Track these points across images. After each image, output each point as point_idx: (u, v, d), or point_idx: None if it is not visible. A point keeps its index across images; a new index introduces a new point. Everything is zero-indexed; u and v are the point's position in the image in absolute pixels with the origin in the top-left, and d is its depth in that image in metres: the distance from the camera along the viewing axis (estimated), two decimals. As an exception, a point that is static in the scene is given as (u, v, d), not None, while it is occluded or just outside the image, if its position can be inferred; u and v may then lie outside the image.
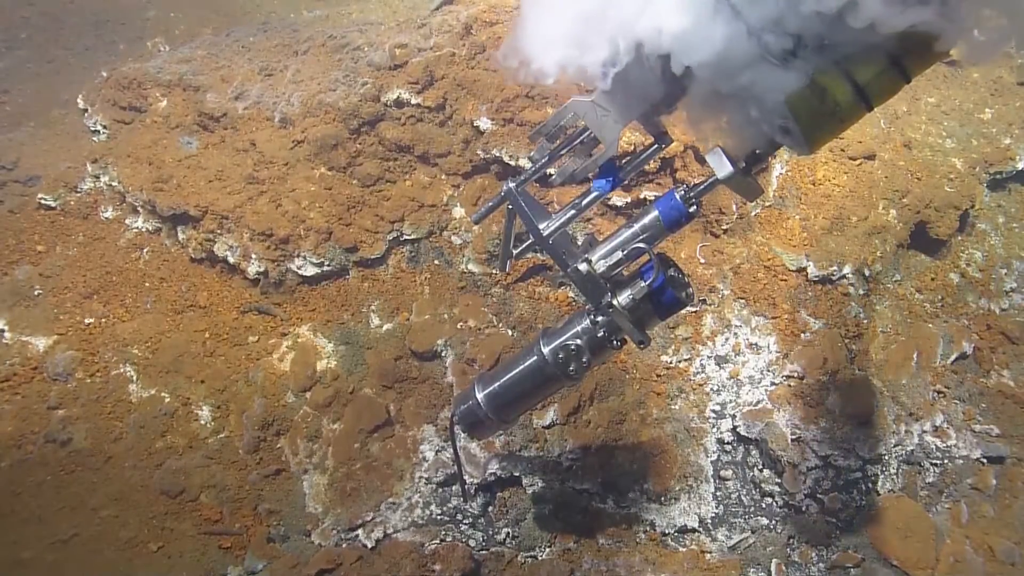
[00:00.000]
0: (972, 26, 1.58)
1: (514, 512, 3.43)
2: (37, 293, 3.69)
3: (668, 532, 3.42)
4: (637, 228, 2.13)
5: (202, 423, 3.51)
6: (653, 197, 3.32)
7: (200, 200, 3.67)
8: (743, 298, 3.64)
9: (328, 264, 3.66)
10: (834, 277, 3.62)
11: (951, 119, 4.27)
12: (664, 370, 3.59)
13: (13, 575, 3.17)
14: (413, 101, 3.69)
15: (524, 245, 2.32)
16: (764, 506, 3.49)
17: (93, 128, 4.15)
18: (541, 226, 2.20)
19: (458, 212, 3.78)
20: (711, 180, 2.03)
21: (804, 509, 3.44)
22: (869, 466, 3.48)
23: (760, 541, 3.43)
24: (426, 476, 3.45)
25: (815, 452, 3.41)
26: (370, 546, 3.33)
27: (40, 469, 3.36)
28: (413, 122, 3.73)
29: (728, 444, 3.54)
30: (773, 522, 3.47)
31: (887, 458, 3.53)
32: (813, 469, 3.42)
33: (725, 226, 3.68)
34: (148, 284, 3.75)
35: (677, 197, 2.09)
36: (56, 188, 3.96)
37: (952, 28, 1.56)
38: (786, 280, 3.63)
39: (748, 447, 3.54)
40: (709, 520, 3.45)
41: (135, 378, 3.55)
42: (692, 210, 2.10)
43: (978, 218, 4.12)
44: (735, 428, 3.52)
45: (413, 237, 3.76)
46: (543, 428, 3.46)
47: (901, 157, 3.97)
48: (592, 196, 2.17)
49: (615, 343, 2.32)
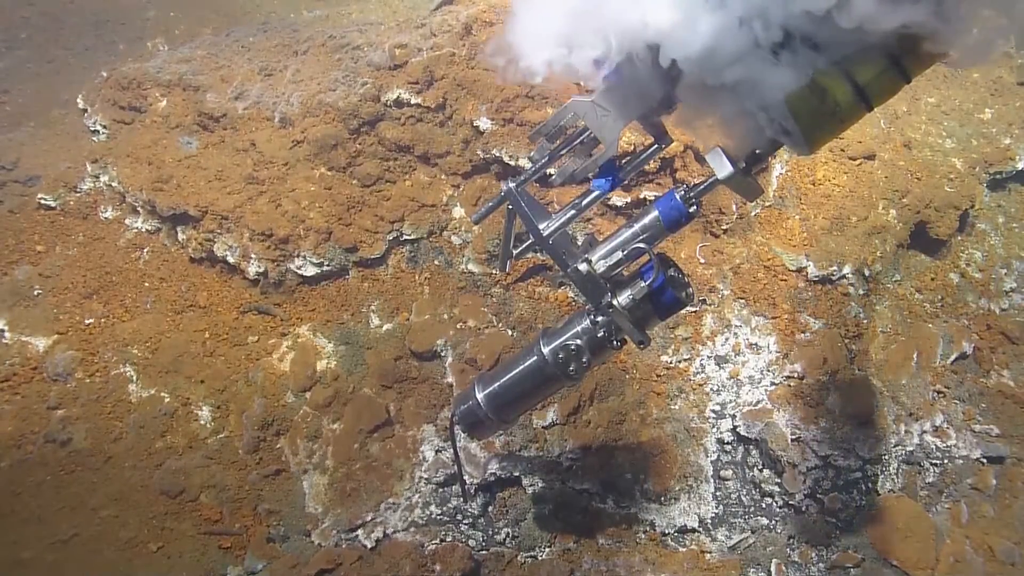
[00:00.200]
0: (968, 26, 1.56)
1: (514, 512, 3.43)
2: (37, 293, 3.69)
3: (668, 532, 3.42)
4: (637, 228, 2.14)
5: (202, 423, 3.51)
6: (653, 197, 3.32)
7: (200, 200, 3.67)
8: (743, 298, 3.64)
9: (328, 264, 3.66)
10: (834, 277, 3.62)
11: (951, 119, 4.27)
12: (664, 370, 3.59)
13: (13, 575, 3.17)
14: (413, 101, 3.69)
15: (524, 245, 2.32)
16: (764, 506, 3.49)
17: (93, 128, 4.15)
18: (541, 226, 2.20)
19: (458, 212, 3.78)
20: (711, 180, 2.03)
21: (804, 509, 3.44)
22: (869, 466, 3.48)
23: (760, 541, 3.43)
24: (426, 476, 3.45)
25: (815, 452, 3.41)
26: (370, 546, 3.33)
27: (40, 469, 3.36)
28: (413, 122, 3.73)
29: (728, 444, 3.54)
30: (773, 522, 3.47)
31: (887, 458, 3.53)
32: (813, 469, 3.42)
33: (725, 226, 3.67)
34: (148, 284, 3.75)
35: (677, 197, 2.09)
36: (56, 188, 3.96)
37: (946, 28, 1.54)
38: (786, 280, 3.63)
39: (748, 447, 3.54)
40: (709, 520, 3.45)
41: (135, 378, 3.55)
42: (692, 210, 2.11)
43: (978, 218, 4.12)
44: (735, 428, 3.52)
45: (413, 237, 3.76)
46: (543, 428, 3.46)
47: (901, 157, 3.96)
48: (592, 196, 2.17)
49: (615, 343, 2.32)
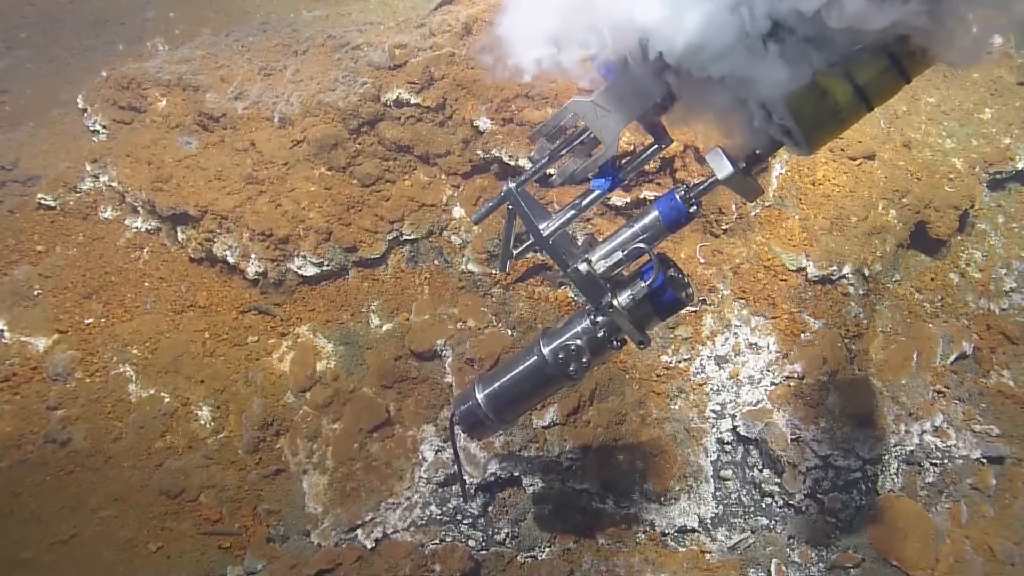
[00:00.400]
0: (962, 25, 1.54)
1: (514, 512, 3.43)
2: (37, 293, 3.69)
3: (668, 532, 3.42)
4: (637, 228, 2.13)
5: (201, 423, 3.51)
6: (653, 197, 3.31)
7: (200, 200, 3.67)
8: (743, 298, 3.64)
9: (328, 264, 3.66)
10: (834, 277, 3.62)
11: (951, 119, 4.26)
12: (664, 370, 3.59)
13: (13, 575, 3.17)
14: (413, 101, 3.69)
15: (524, 245, 2.31)
16: (764, 506, 3.49)
17: (93, 128, 4.15)
18: (541, 226, 2.20)
19: (458, 212, 3.78)
20: (711, 180, 2.02)
21: (804, 509, 3.44)
22: (869, 466, 3.48)
23: (760, 541, 3.43)
24: (426, 476, 3.45)
25: (815, 452, 3.41)
26: (370, 546, 3.33)
27: (40, 469, 3.36)
28: (413, 122, 3.73)
29: (728, 444, 3.54)
30: (773, 522, 3.47)
31: (887, 458, 3.53)
32: (813, 469, 3.42)
33: (725, 226, 3.67)
34: (148, 284, 3.75)
35: (677, 197, 2.09)
36: (56, 188, 3.96)
37: (939, 27, 1.52)
38: (786, 280, 3.63)
39: (748, 447, 3.54)
40: (709, 520, 3.45)
41: (135, 378, 3.55)
42: (692, 210, 2.11)
43: (978, 218, 4.11)
44: (735, 428, 3.52)
45: (413, 237, 3.76)
46: (543, 428, 3.46)
47: (901, 157, 3.96)
48: (592, 196, 2.17)
49: (615, 343, 2.32)
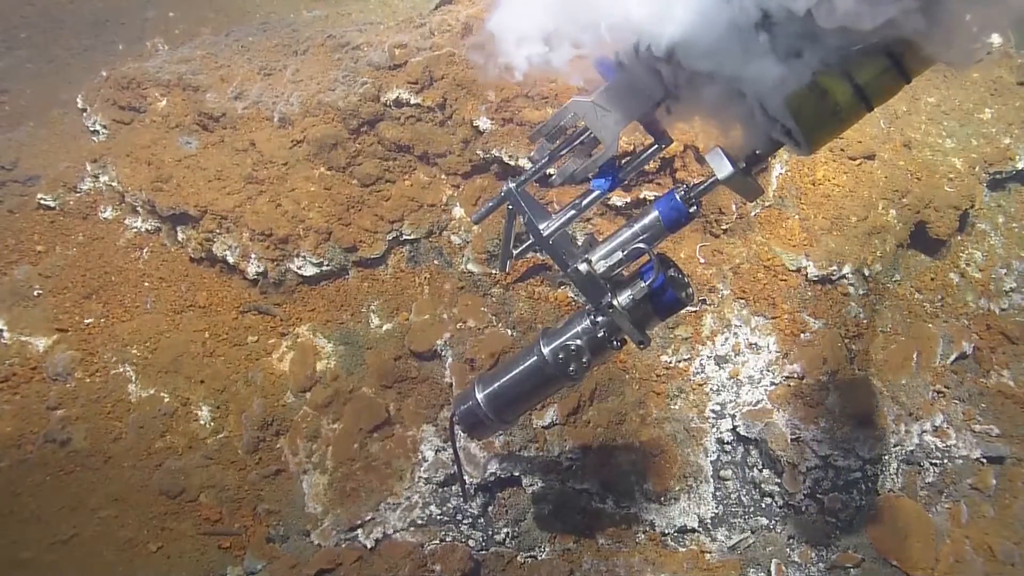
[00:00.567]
0: (957, 25, 1.52)
1: (514, 512, 3.43)
2: (37, 293, 3.69)
3: (668, 532, 3.42)
4: (637, 228, 2.13)
5: (201, 423, 3.51)
6: (653, 197, 3.32)
7: (199, 200, 3.67)
8: (743, 298, 3.64)
9: (328, 264, 3.66)
10: (834, 277, 3.62)
11: (951, 119, 4.26)
12: (664, 370, 3.59)
13: (13, 575, 3.17)
14: (413, 101, 3.69)
15: (524, 245, 2.31)
16: (764, 506, 3.49)
17: (92, 128, 4.14)
18: (541, 226, 2.20)
19: (458, 212, 3.78)
20: (711, 180, 2.02)
21: (804, 509, 3.44)
22: (869, 466, 3.47)
23: (760, 541, 3.43)
24: (426, 476, 3.45)
25: (815, 452, 3.41)
26: (369, 546, 3.33)
27: (40, 469, 3.36)
28: (413, 122, 3.73)
29: (728, 444, 3.54)
30: (773, 522, 3.47)
31: (887, 458, 3.53)
32: (813, 469, 3.42)
33: (725, 226, 3.67)
34: (147, 284, 3.75)
35: (677, 197, 2.09)
36: (55, 188, 3.96)
37: (933, 27, 1.51)
38: (786, 280, 3.63)
39: (748, 447, 3.54)
40: (709, 520, 3.45)
41: (134, 378, 3.55)
42: (692, 210, 2.10)
43: (978, 218, 4.11)
44: (735, 428, 3.51)
45: (413, 237, 3.76)
46: (543, 428, 3.46)
47: (901, 157, 3.96)
48: (592, 196, 2.17)
49: (615, 343, 2.32)
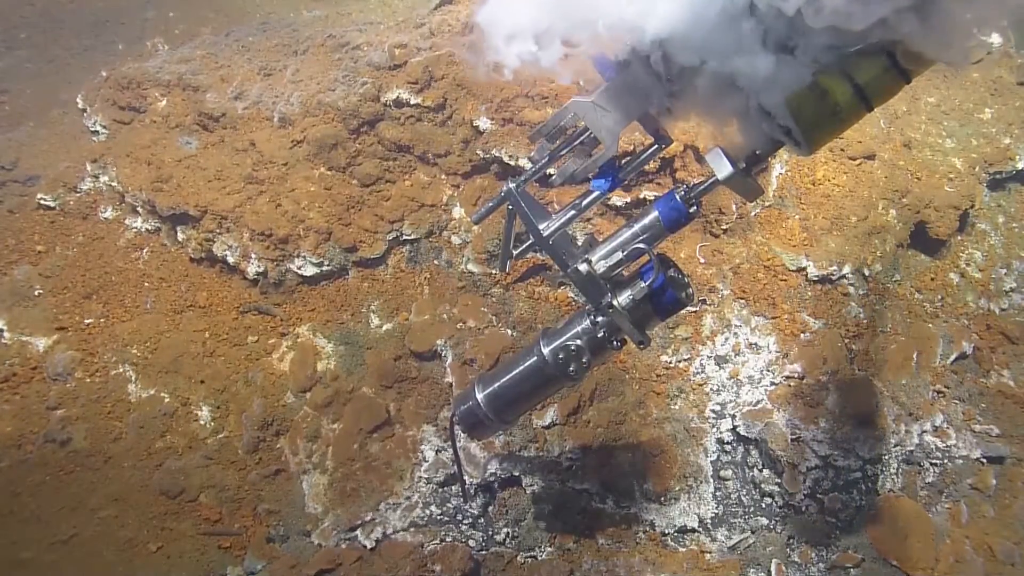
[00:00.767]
0: (951, 24, 1.51)
1: (514, 512, 3.43)
2: (37, 293, 3.69)
3: (668, 532, 3.42)
4: (637, 228, 2.13)
5: (201, 423, 3.51)
6: (653, 197, 3.31)
7: (199, 200, 3.67)
8: (743, 298, 3.64)
9: (328, 264, 3.66)
10: (834, 277, 3.62)
11: (951, 119, 4.26)
12: (664, 370, 3.59)
13: (13, 575, 3.17)
14: (413, 101, 3.69)
15: (524, 245, 2.31)
16: (764, 506, 3.49)
17: (92, 128, 4.14)
18: (541, 226, 2.20)
19: (458, 212, 3.77)
20: (711, 180, 2.02)
21: (804, 509, 3.44)
22: (869, 466, 3.47)
23: (760, 541, 3.43)
24: (426, 476, 3.45)
25: (815, 452, 3.41)
26: (370, 546, 3.33)
27: (40, 469, 3.36)
28: (413, 122, 3.73)
29: (728, 444, 3.54)
30: (773, 522, 3.46)
31: (887, 458, 3.52)
32: (813, 469, 3.42)
33: (725, 226, 3.67)
34: (148, 284, 3.75)
35: (677, 198, 2.09)
36: (55, 188, 3.96)
37: (926, 27, 1.50)
38: (786, 280, 3.63)
39: (748, 447, 3.54)
40: (709, 520, 3.45)
41: (134, 378, 3.55)
42: (692, 210, 2.10)
43: (978, 218, 4.11)
44: (735, 428, 3.51)
45: (413, 237, 3.76)
46: (543, 428, 3.46)
47: (901, 157, 3.96)
48: (592, 196, 2.17)
49: (615, 343, 2.32)
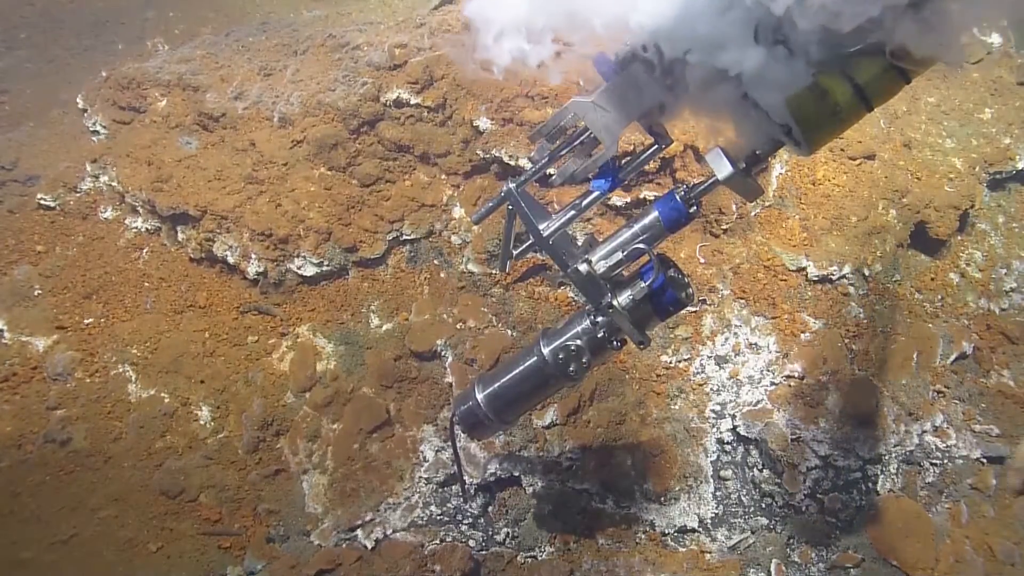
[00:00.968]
0: (947, 24, 1.50)
1: (514, 512, 3.43)
2: (37, 293, 3.69)
3: (668, 532, 3.42)
4: (637, 229, 2.13)
5: (201, 423, 3.51)
6: (653, 197, 3.32)
7: (199, 200, 3.67)
8: (743, 298, 3.64)
9: (328, 264, 3.66)
10: (834, 277, 3.62)
11: (951, 119, 4.26)
12: (664, 370, 3.59)
13: (13, 575, 3.17)
14: (413, 101, 3.69)
15: (524, 245, 2.31)
16: (764, 506, 3.49)
17: (92, 128, 4.14)
18: (541, 226, 2.20)
19: (458, 212, 3.78)
20: (711, 180, 2.02)
21: (804, 509, 3.44)
22: (869, 466, 3.48)
23: (760, 541, 3.43)
24: (426, 476, 3.45)
25: (815, 452, 3.41)
26: (370, 546, 3.33)
27: (40, 469, 3.36)
28: (413, 122, 3.73)
29: (728, 444, 3.54)
30: (773, 522, 3.47)
31: (887, 458, 3.53)
32: (813, 469, 3.42)
33: (725, 226, 3.67)
34: (147, 284, 3.75)
35: (677, 198, 2.09)
36: (55, 188, 3.96)
37: (920, 27, 1.50)
38: (786, 280, 3.63)
39: (748, 447, 3.54)
40: (709, 520, 3.45)
41: (134, 378, 3.55)
42: (692, 211, 2.10)
43: (978, 218, 4.11)
44: (735, 428, 3.52)
45: (413, 237, 3.76)
46: (543, 428, 3.46)
47: (901, 157, 3.96)
48: (592, 196, 2.17)
49: (615, 344, 2.32)
